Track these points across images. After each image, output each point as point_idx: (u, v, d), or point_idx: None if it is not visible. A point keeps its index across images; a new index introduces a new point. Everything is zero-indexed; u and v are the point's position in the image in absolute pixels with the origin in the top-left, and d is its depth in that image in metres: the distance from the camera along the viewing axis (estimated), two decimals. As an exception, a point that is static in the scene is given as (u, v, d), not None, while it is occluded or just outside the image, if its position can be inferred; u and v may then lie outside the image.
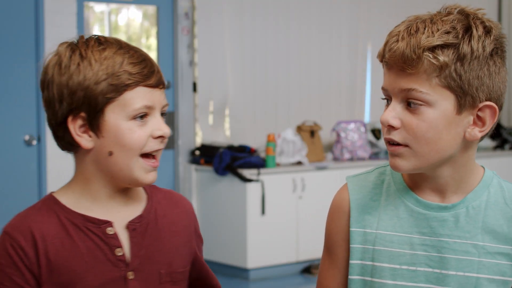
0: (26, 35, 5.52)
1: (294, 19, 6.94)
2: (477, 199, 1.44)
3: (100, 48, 1.46)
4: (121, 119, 1.45)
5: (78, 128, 1.46)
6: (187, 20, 6.36)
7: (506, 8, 8.42)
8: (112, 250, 1.48)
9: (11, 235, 1.45)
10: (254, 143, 6.63)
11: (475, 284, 1.41)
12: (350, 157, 6.75)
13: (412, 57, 1.36)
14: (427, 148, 1.38)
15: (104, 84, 1.44)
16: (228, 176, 6.08)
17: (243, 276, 6.06)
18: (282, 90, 6.91)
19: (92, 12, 6.18)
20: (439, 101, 1.37)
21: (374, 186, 1.51)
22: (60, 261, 1.45)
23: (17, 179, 5.51)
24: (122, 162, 1.46)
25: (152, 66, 1.48)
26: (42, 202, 1.51)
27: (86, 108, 1.44)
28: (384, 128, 1.42)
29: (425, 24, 1.38)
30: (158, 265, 1.52)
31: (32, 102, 5.55)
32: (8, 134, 5.49)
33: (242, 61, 6.66)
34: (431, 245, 1.44)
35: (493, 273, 1.41)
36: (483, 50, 1.37)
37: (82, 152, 1.49)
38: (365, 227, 1.48)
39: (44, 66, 1.50)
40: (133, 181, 1.48)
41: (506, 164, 7.35)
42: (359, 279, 1.48)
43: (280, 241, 6.14)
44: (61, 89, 1.45)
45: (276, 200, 6.11)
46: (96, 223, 1.48)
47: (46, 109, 1.50)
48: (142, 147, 1.46)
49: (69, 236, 1.46)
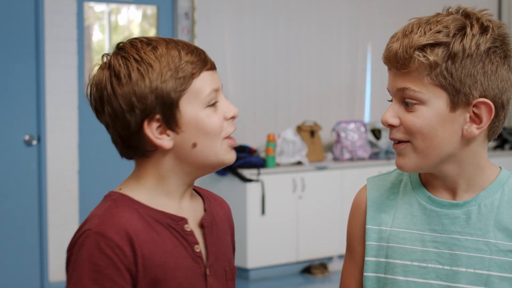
0: (26, 35, 5.53)
1: (294, 19, 6.94)
2: (490, 197, 1.45)
3: (151, 48, 1.44)
4: (197, 109, 1.44)
5: (155, 131, 1.44)
6: (187, 20, 6.36)
7: (506, 8, 8.42)
8: (192, 247, 1.47)
9: (105, 235, 1.38)
10: (254, 143, 6.63)
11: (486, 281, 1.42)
12: (350, 157, 6.75)
13: (404, 56, 1.40)
14: (424, 144, 1.41)
15: (172, 80, 1.42)
16: (228, 176, 6.08)
17: (243, 276, 6.06)
18: (282, 90, 6.91)
19: (92, 12, 6.18)
20: (432, 99, 1.40)
21: (392, 185, 1.55)
22: (153, 258, 1.42)
23: (17, 179, 5.51)
24: (208, 150, 1.46)
25: (202, 51, 1.48)
26: (116, 201, 1.45)
27: (161, 108, 1.42)
28: (388, 128, 1.47)
29: (420, 25, 1.41)
30: (223, 262, 1.54)
31: (32, 102, 5.55)
32: (8, 134, 5.49)
33: (242, 61, 6.66)
34: (442, 242, 1.45)
35: (505, 270, 1.42)
36: (477, 48, 1.38)
37: (159, 155, 1.46)
38: (381, 224, 1.52)
39: (94, 84, 1.47)
40: (219, 164, 1.48)
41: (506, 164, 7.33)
42: (373, 276, 1.51)
43: (280, 241, 6.14)
44: (129, 99, 1.42)
45: (276, 200, 6.11)
46: (175, 219, 1.46)
47: (112, 125, 1.45)
48: (222, 130, 1.46)
49: (156, 232, 1.43)
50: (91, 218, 1.43)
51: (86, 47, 5.92)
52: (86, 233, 1.40)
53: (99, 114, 1.47)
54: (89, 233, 1.39)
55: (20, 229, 5.52)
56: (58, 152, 5.65)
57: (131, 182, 1.49)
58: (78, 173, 5.76)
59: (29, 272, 5.56)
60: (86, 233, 1.40)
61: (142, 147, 1.45)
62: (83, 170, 5.79)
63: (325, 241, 6.33)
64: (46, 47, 5.55)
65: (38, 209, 5.58)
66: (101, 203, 1.46)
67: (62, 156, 5.66)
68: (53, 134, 5.61)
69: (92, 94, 1.47)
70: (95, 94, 1.46)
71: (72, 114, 5.68)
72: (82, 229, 1.41)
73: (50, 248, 5.59)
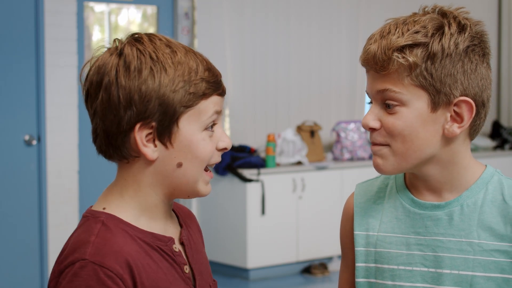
0: (26, 35, 5.53)
1: (294, 19, 6.94)
2: (473, 196, 1.43)
3: (170, 51, 1.35)
4: (195, 130, 1.34)
5: (144, 137, 1.33)
6: (187, 20, 6.36)
7: (506, 8, 8.42)
8: (181, 268, 1.39)
9: (104, 264, 1.26)
10: (254, 143, 6.63)
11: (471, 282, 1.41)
12: (350, 157, 6.75)
13: (383, 58, 1.38)
14: (404, 146, 1.40)
15: (182, 92, 1.32)
16: (228, 176, 6.08)
17: (243, 276, 6.06)
18: (282, 90, 6.91)
19: (92, 12, 6.18)
20: (413, 100, 1.38)
21: (378, 190, 1.54)
22: (152, 285, 1.31)
23: (17, 179, 5.51)
24: (190, 174, 1.36)
25: (219, 73, 1.39)
26: (104, 223, 1.34)
27: (160, 117, 1.32)
28: (368, 131, 1.45)
29: (397, 26, 1.39)
30: (207, 277, 1.47)
31: (32, 102, 5.55)
32: (8, 134, 5.49)
33: (242, 61, 6.66)
34: (426, 244, 1.44)
35: (490, 270, 1.40)
36: (456, 48, 1.37)
37: (140, 164, 1.35)
38: (368, 230, 1.51)
39: (97, 65, 1.35)
40: (195, 193, 1.38)
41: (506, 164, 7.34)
42: (364, 281, 1.50)
43: (280, 241, 6.14)
44: (131, 94, 1.31)
45: (276, 200, 6.11)
46: (163, 240, 1.37)
47: (101, 115, 1.34)
48: (210, 159, 1.37)
49: (149, 256, 1.34)
50: (81, 245, 1.29)
51: (86, 47, 5.92)
52: (80, 263, 1.26)
53: (89, 99, 1.35)
54: (85, 263, 1.26)
55: (20, 229, 5.52)
56: (58, 152, 5.65)
57: (113, 197, 1.38)
58: (78, 173, 5.76)
59: (29, 272, 5.56)
60: (80, 263, 1.27)
61: (125, 150, 1.34)
62: (83, 170, 5.79)
63: (325, 241, 6.33)
64: (46, 47, 5.55)
65: (38, 209, 5.58)
66: (86, 226, 1.34)
67: (62, 156, 5.67)
68: (53, 134, 5.61)
69: (91, 75, 1.35)
70: (94, 76, 1.34)
71: (72, 114, 5.68)
72: (72, 258, 1.28)
73: (50, 248, 5.59)
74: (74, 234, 1.35)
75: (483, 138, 7.74)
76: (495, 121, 8.09)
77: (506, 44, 8.42)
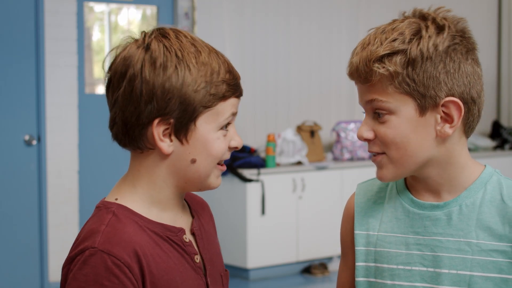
0: (26, 35, 5.53)
1: (294, 19, 6.94)
2: (471, 196, 1.43)
3: (195, 50, 1.37)
4: (211, 129, 1.38)
5: (161, 132, 1.36)
6: (187, 20, 6.36)
7: (506, 8, 8.42)
8: (192, 258, 1.42)
9: (112, 252, 1.30)
10: (254, 143, 6.63)
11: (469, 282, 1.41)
12: (350, 157, 6.75)
13: (365, 70, 1.39)
14: (398, 153, 1.41)
15: (203, 93, 1.35)
16: (228, 176, 6.08)
17: (243, 276, 6.06)
18: (282, 90, 6.91)
19: (92, 12, 6.18)
20: (400, 107, 1.39)
21: (379, 190, 1.54)
22: (161, 274, 1.35)
23: (17, 179, 5.51)
24: (203, 170, 1.39)
25: (239, 76, 1.43)
26: (116, 214, 1.37)
27: (179, 114, 1.35)
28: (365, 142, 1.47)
29: (376, 36, 1.40)
30: (218, 267, 1.50)
31: (32, 102, 5.55)
32: (8, 134, 5.49)
33: (242, 61, 6.66)
34: (425, 244, 1.45)
35: (488, 270, 1.40)
36: (435, 49, 1.37)
37: (155, 156, 1.39)
38: (369, 229, 1.52)
39: (124, 56, 1.37)
40: (206, 186, 1.43)
41: (506, 164, 7.34)
42: (364, 280, 1.51)
43: (280, 241, 6.14)
44: (154, 89, 1.33)
45: (276, 200, 6.11)
46: (173, 231, 1.40)
47: (121, 105, 1.36)
48: (222, 156, 1.41)
49: (159, 247, 1.37)
50: (92, 234, 1.33)
51: (86, 47, 5.92)
52: (90, 251, 1.30)
53: (112, 88, 1.37)
54: (94, 251, 1.30)
55: (20, 229, 5.52)
56: (58, 152, 5.65)
57: (126, 188, 1.41)
58: (78, 173, 5.76)
59: (29, 272, 5.56)
60: (90, 250, 1.31)
61: (141, 142, 1.37)
62: (83, 170, 5.79)
63: (325, 241, 6.33)
64: (46, 47, 5.55)
65: (38, 209, 5.58)
66: (98, 216, 1.37)
67: (62, 156, 5.66)
68: (53, 134, 5.61)
69: (116, 64, 1.37)
70: (119, 67, 1.36)
71: (72, 114, 5.68)
72: (82, 246, 1.32)
73: (50, 248, 5.59)
74: (87, 224, 1.38)
75: (483, 138, 7.74)
76: (495, 121, 8.09)
77: (506, 44, 8.41)
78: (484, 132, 8.16)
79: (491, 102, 8.39)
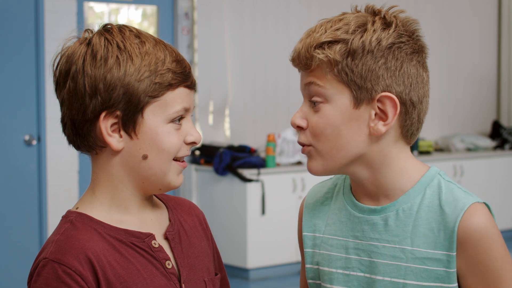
0: (26, 35, 5.53)
1: (294, 19, 6.95)
2: (409, 201, 1.38)
3: (138, 41, 1.35)
4: (160, 121, 1.35)
5: (109, 127, 1.34)
6: (187, 20, 6.36)
7: (506, 8, 8.42)
8: (162, 264, 1.38)
9: (62, 261, 1.29)
10: (254, 143, 6.63)
11: None
12: (350, 157, 6.75)
13: (306, 56, 1.37)
14: (328, 145, 1.38)
15: (147, 82, 1.33)
16: (228, 176, 6.08)
17: (243, 276, 6.06)
18: (282, 90, 6.91)
19: (92, 12, 6.19)
20: (336, 95, 1.36)
21: (327, 190, 1.51)
22: (119, 281, 1.32)
23: (17, 179, 5.51)
24: (156, 167, 1.36)
25: (189, 65, 1.40)
26: (73, 222, 1.35)
27: (124, 106, 1.33)
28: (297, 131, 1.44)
29: (322, 24, 1.40)
30: (201, 272, 1.45)
31: (32, 102, 5.55)
32: (8, 134, 5.50)
33: (242, 61, 6.66)
34: (363, 249, 1.41)
35: (422, 279, 1.36)
36: (378, 44, 1.35)
37: (107, 155, 1.38)
38: (315, 231, 1.49)
39: (67, 55, 1.37)
40: (165, 186, 1.39)
41: (506, 164, 7.34)
42: (312, 282, 1.49)
43: (280, 241, 6.14)
44: (96, 83, 1.32)
45: (276, 200, 6.11)
46: (139, 237, 1.37)
47: (68, 103, 1.35)
48: (177, 152, 1.37)
49: (119, 253, 1.34)
50: (47, 245, 1.33)
51: (86, 47, 5.92)
52: (42, 262, 1.31)
53: (58, 88, 1.37)
54: (45, 261, 1.30)
55: (20, 229, 5.53)
56: (58, 152, 5.65)
57: (87, 196, 1.40)
58: (78, 173, 5.76)
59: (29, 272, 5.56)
60: (42, 262, 1.31)
61: (91, 139, 1.36)
62: (83, 170, 5.79)
63: (325, 241, 6.33)
64: (46, 47, 5.55)
65: (38, 209, 5.58)
66: (57, 227, 1.37)
67: (62, 156, 5.67)
68: (53, 134, 5.61)
69: (60, 64, 1.37)
70: (63, 66, 1.36)
71: (72, 114, 5.68)
72: (38, 258, 1.32)
73: (50, 248, 5.59)
74: None
75: (483, 138, 7.74)
76: (495, 121, 8.09)
77: (506, 44, 8.42)
78: (484, 132, 8.16)
79: (491, 102, 8.39)
